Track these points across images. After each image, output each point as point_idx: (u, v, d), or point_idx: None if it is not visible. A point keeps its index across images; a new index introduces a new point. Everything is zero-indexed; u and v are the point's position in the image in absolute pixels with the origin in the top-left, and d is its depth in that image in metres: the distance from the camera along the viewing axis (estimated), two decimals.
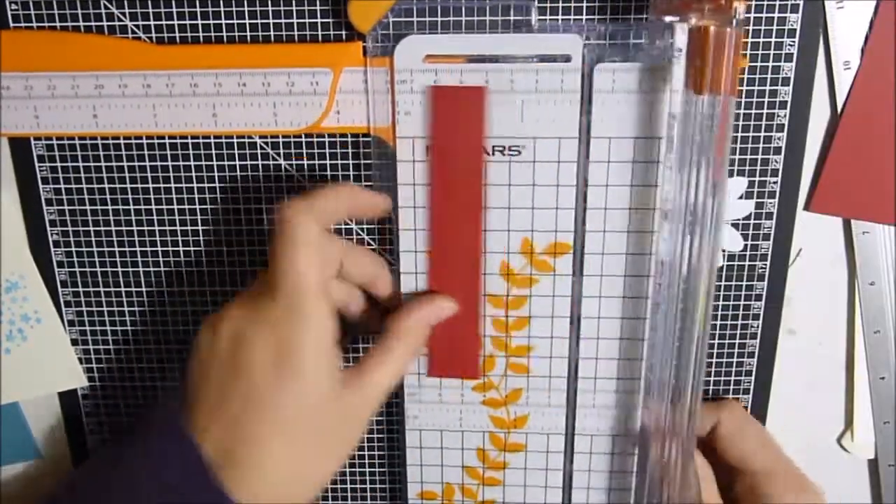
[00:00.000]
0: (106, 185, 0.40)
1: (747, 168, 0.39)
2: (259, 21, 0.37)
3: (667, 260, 0.37)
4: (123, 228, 0.41)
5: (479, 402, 0.42)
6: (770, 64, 0.38)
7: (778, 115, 0.39)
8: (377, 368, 0.36)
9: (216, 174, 0.40)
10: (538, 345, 0.41)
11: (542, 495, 0.44)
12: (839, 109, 0.39)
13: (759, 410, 0.43)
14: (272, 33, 0.38)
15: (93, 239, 0.41)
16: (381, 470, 0.45)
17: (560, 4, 0.37)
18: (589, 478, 0.44)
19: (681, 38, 0.34)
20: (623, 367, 0.41)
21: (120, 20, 0.38)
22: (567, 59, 0.36)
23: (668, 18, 0.34)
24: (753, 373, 0.43)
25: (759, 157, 0.39)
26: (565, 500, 0.44)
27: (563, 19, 0.37)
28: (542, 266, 0.40)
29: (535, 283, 0.40)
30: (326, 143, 0.39)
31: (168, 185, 0.40)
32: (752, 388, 0.43)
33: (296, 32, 0.37)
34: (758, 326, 0.42)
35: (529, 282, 0.40)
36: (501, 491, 0.44)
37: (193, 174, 0.40)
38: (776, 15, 0.37)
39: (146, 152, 0.40)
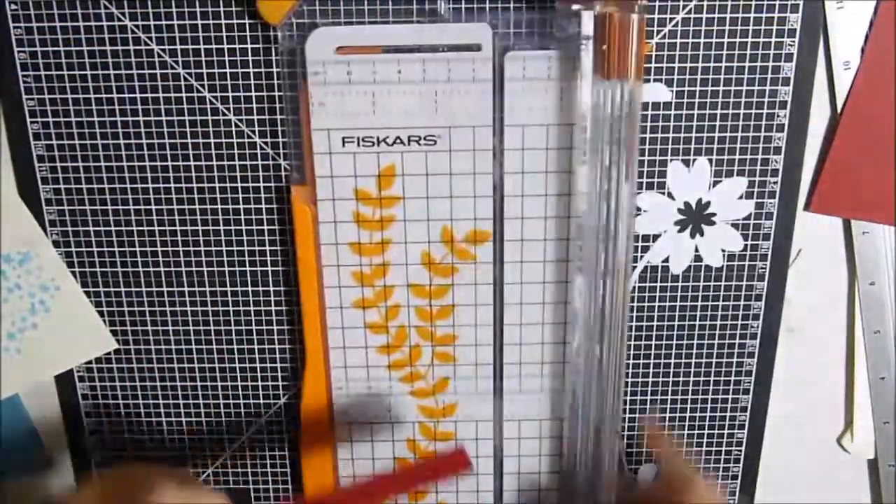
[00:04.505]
0: (106, 185, 0.40)
1: (747, 168, 0.39)
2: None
3: (585, 239, 0.38)
4: (123, 229, 0.41)
5: (407, 393, 0.43)
6: (770, 64, 0.38)
7: (778, 115, 0.39)
8: None
9: (216, 174, 0.40)
10: (463, 333, 0.42)
11: (473, 482, 0.44)
12: (839, 109, 0.39)
13: (759, 410, 0.43)
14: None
15: (93, 239, 0.41)
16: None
17: None
18: (519, 463, 0.44)
19: (588, 26, 0.35)
20: (548, 352, 0.42)
21: (120, 20, 0.38)
22: (478, 47, 0.37)
23: (574, 6, 0.35)
24: (753, 373, 0.43)
25: (759, 157, 0.39)
26: (496, 485, 0.44)
27: (473, 7, 0.37)
28: (463, 254, 0.40)
29: (456, 272, 0.41)
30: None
31: (168, 185, 0.40)
32: (751, 388, 0.43)
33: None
34: (758, 326, 0.42)
35: (451, 270, 0.40)
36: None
37: (193, 174, 0.40)
38: (776, 15, 0.37)
39: (146, 152, 0.40)
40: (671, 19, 0.37)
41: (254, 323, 0.42)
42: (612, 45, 0.34)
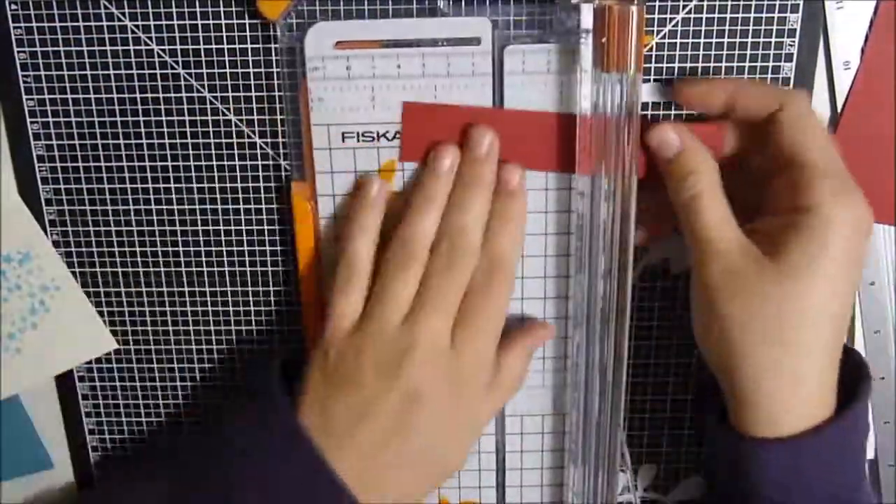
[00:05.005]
0: (106, 186, 0.40)
1: None
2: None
3: (584, 236, 0.38)
4: (123, 229, 0.41)
5: None
6: (770, 64, 0.38)
7: None
8: (488, 411, 0.39)
9: (216, 174, 0.40)
10: None
11: (476, 478, 0.44)
12: (839, 109, 0.39)
13: None
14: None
15: (93, 239, 0.41)
16: None
17: None
18: (521, 458, 0.44)
19: (587, 19, 0.35)
20: (549, 347, 0.42)
21: (120, 20, 0.38)
22: (477, 41, 0.37)
23: (574, 0, 0.35)
24: None
25: None
26: (499, 481, 0.44)
27: (473, 2, 0.37)
28: None
29: None
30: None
31: (168, 186, 0.40)
32: None
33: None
34: None
35: None
36: None
37: (193, 174, 0.40)
38: (776, 15, 0.37)
39: (146, 152, 0.40)
40: (671, 19, 0.37)
41: (254, 323, 0.42)
42: (612, 38, 0.34)
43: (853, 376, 0.36)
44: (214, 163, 0.40)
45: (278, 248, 0.41)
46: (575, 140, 0.37)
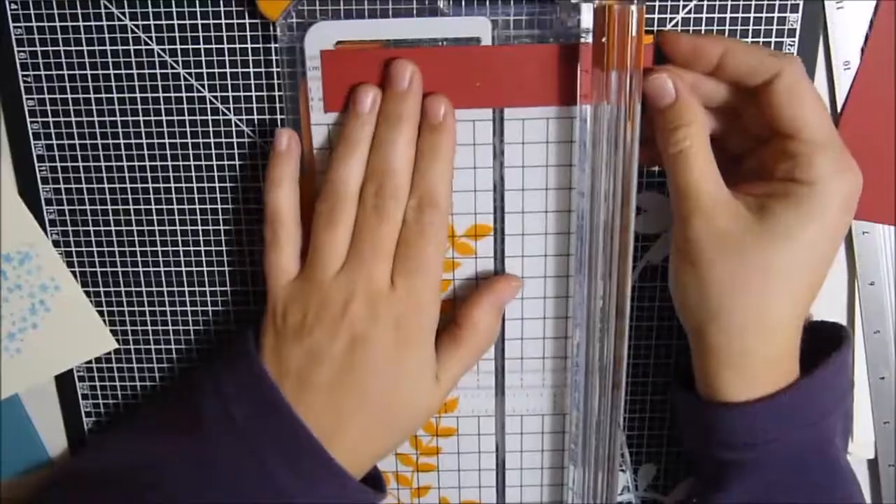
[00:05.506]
0: (106, 186, 0.40)
1: None
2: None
3: (585, 236, 0.38)
4: (123, 228, 0.41)
5: None
6: None
7: None
8: (454, 365, 0.38)
9: (216, 174, 0.40)
10: None
11: (475, 478, 0.44)
12: (839, 109, 0.39)
13: None
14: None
15: (92, 239, 0.41)
16: None
17: None
18: (521, 458, 0.44)
19: (587, 19, 0.35)
20: (549, 347, 0.42)
21: (120, 20, 0.38)
22: (477, 41, 0.37)
23: None
24: None
25: None
26: (499, 481, 0.44)
27: (473, 1, 0.37)
28: (463, 249, 0.40)
29: (457, 267, 0.41)
30: None
31: (168, 185, 0.40)
32: None
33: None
34: None
35: (452, 265, 0.40)
36: (436, 476, 0.44)
37: (193, 174, 0.40)
38: (776, 15, 0.37)
39: (146, 152, 0.40)
40: (671, 19, 0.37)
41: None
42: (612, 38, 0.34)
43: (831, 344, 0.37)
44: (214, 163, 0.40)
45: None
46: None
